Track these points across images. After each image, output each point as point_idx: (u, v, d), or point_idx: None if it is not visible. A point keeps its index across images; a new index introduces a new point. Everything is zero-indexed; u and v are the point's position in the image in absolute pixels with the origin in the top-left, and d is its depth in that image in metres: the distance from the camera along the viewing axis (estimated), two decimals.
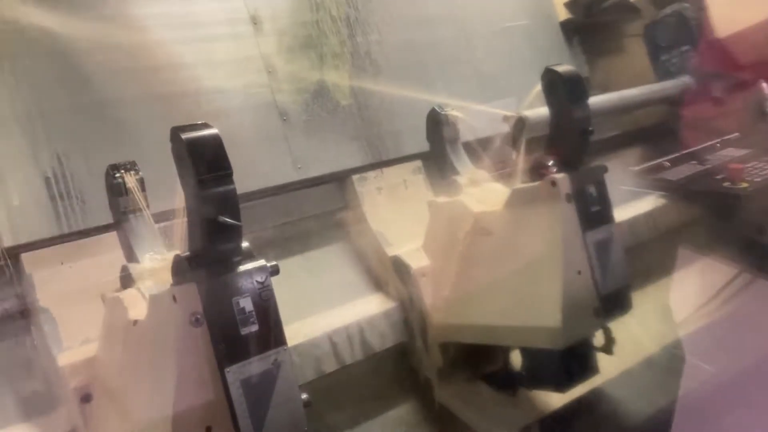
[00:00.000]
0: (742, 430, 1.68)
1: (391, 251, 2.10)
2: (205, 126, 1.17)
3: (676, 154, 2.88)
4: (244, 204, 1.18)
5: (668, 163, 2.84)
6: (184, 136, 1.14)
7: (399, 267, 2.05)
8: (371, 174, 2.29)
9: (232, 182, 1.15)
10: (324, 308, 2.02)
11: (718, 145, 2.96)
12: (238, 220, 1.16)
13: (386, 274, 2.13)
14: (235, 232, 1.17)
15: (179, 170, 1.18)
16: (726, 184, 2.54)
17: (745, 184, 2.50)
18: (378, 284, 2.18)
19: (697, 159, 2.85)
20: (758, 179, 2.52)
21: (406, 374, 2.07)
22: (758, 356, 1.85)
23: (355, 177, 2.26)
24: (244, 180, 1.18)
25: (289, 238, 2.17)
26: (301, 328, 1.90)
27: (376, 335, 1.98)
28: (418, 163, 2.39)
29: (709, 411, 1.75)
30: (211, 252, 1.18)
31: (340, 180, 2.29)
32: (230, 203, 1.15)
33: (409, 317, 2.04)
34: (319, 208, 2.25)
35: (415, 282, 1.99)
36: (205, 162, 1.13)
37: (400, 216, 2.24)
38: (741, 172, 2.53)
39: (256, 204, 2.11)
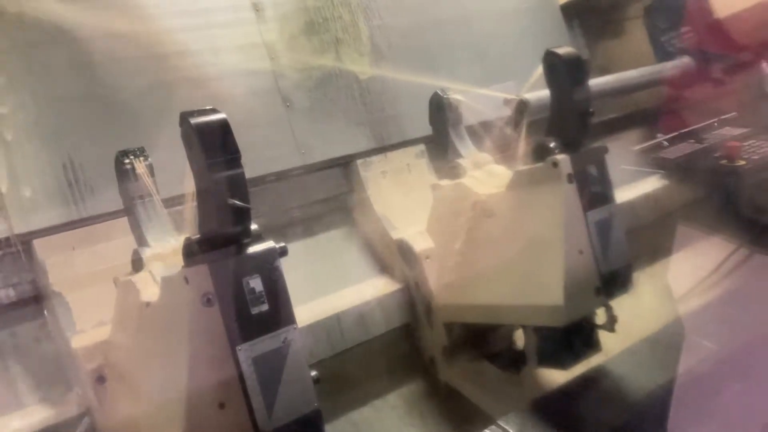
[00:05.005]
0: (742, 405, 1.71)
1: (396, 234, 2.13)
2: (213, 111, 1.20)
3: (675, 133, 2.90)
4: (250, 189, 1.20)
5: (666, 142, 2.86)
6: (193, 120, 1.16)
7: (403, 249, 2.08)
8: (375, 158, 2.32)
9: (240, 165, 1.18)
10: (331, 290, 2.06)
11: (716, 124, 2.97)
12: (247, 202, 1.19)
13: (391, 256, 2.16)
14: (244, 215, 1.20)
15: (188, 154, 1.21)
16: (723, 161, 2.56)
17: (742, 162, 2.52)
18: (383, 267, 2.21)
19: (695, 138, 2.87)
20: (755, 157, 2.55)
21: (412, 354, 2.11)
22: (756, 330, 1.87)
23: (359, 161, 2.28)
24: (249, 166, 1.20)
25: (295, 223, 2.20)
26: (308, 310, 1.93)
27: (382, 316, 2.02)
28: (422, 146, 2.41)
29: (709, 386, 1.78)
30: (221, 234, 1.21)
31: (344, 165, 2.31)
32: (239, 186, 1.18)
33: (414, 298, 2.08)
34: (324, 193, 2.28)
35: (420, 264, 2.02)
36: (214, 146, 1.16)
37: (404, 199, 2.26)
38: (738, 149, 2.55)
39: (261, 189, 2.13)
